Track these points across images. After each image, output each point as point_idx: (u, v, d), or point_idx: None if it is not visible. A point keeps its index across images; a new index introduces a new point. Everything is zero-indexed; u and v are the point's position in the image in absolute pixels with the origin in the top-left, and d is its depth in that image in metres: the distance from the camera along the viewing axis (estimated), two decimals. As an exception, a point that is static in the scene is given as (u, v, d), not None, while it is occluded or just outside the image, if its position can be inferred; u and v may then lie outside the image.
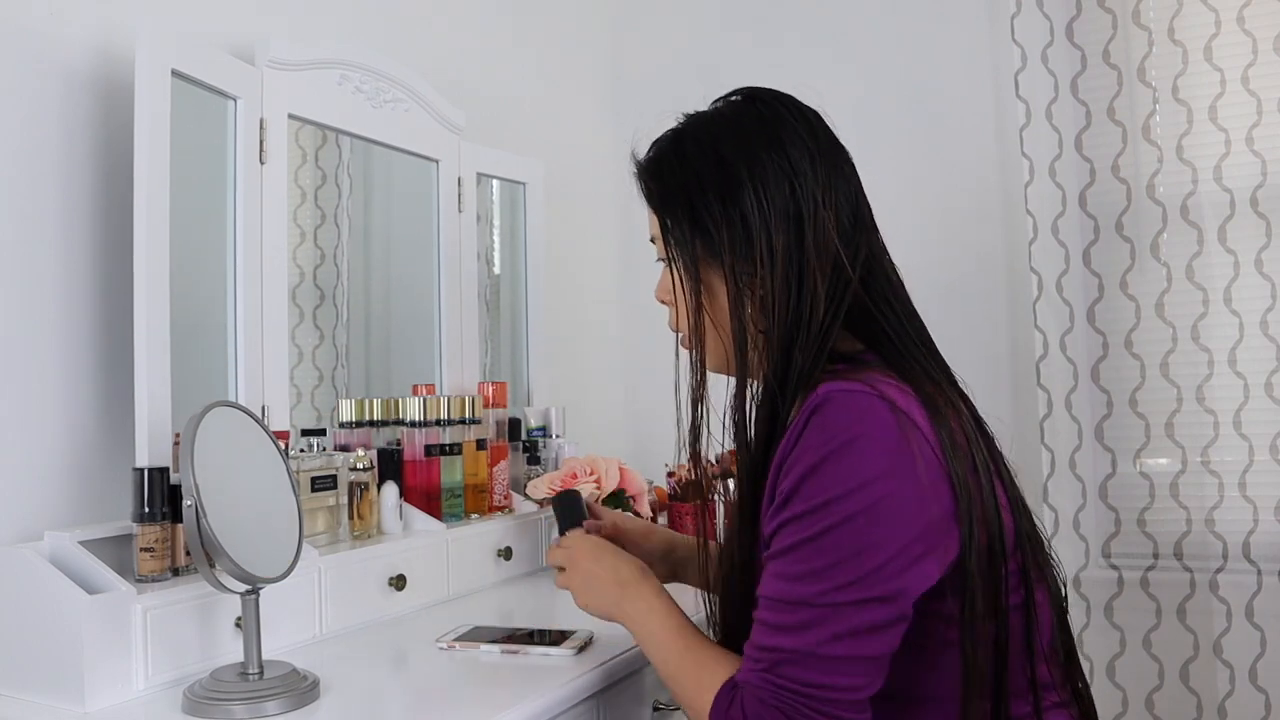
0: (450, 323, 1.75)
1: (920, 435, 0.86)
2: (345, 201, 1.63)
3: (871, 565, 0.82)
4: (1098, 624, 1.92)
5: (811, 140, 0.97)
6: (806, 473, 0.85)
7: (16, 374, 1.16)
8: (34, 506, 1.16)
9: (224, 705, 0.97)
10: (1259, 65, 1.84)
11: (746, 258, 0.93)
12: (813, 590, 0.83)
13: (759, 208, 0.93)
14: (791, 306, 0.92)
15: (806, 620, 0.83)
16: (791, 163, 0.94)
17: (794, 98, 1.02)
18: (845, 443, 0.84)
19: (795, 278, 0.92)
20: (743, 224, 0.93)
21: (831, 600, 0.83)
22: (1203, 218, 1.88)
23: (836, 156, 1.00)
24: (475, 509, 1.63)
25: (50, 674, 1.01)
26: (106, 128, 1.25)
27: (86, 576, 1.04)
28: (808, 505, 0.84)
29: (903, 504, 0.83)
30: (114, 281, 1.25)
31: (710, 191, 0.95)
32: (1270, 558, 1.82)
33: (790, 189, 0.94)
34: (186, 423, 1.00)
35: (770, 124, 0.97)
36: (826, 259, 0.94)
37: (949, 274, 2.11)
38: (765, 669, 0.85)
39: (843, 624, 0.83)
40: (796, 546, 0.85)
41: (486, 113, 1.94)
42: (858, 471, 0.83)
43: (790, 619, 0.84)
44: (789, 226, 0.93)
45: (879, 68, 2.20)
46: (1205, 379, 1.88)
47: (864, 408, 0.85)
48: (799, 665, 0.83)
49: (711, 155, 0.96)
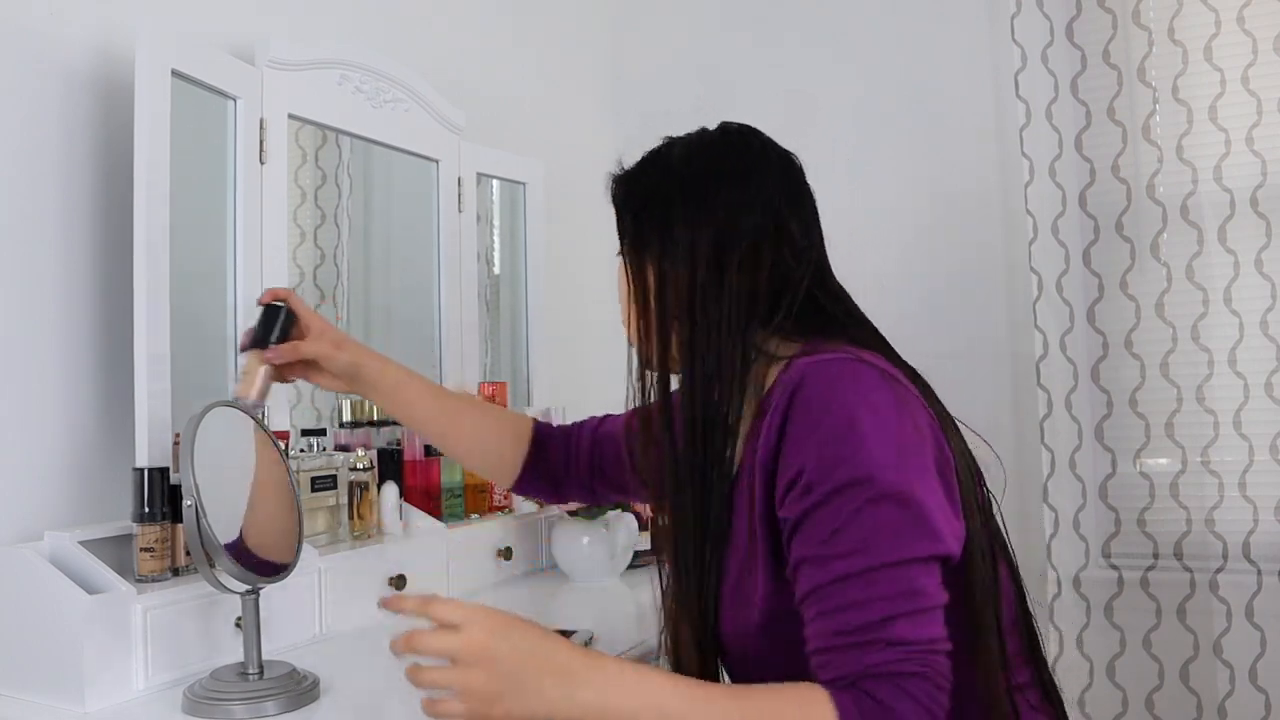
0: (450, 323, 1.75)
1: (906, 390, 0.90)
2: (345, 201, 1.63)
3: (916, 522, 0.82)
4: (1098, 624, 1.92)
5: (763, 162, 1.01)
6: (818, 453, 0.84)
7: (16, 374, 1.16)
8: (34, 506, 1.16)
9: (224, 705, 0.97)
10: (1259, 65, 1.84)
11: (671, 249, 0.98)
12: (876, 556, 0.81)
13: (683, 206, 0.98)
14: (715, 296, 0.95)
15: (889, 586, 0.81)
16: (733, 177, 0.99)
17: (762, 134, 1.05)
18: (845, 416, 0.85)
19: (717, 274, 0.95)
20: (667, 218, 0.98)
21: (899, 557, 0.81)
22: (1203, 218, 1.88)
23: (792, 186, 1.03)
24: (475, 509, 1.63)
25: (50, 674, 1.01)
26: (106, 128, 1.25)
27: (86, 576, 1.04)
28: (831, 487, 0.83)
29: (919, 463, 0.85)
30: (114, 281, 1.25)
31: (654, 191, 1.01)
32: (1270, 558, 1.82)
33: (726, 197, 0.98)
34: (186, 423, 1.00)
35: (723, 146, 1.03)
36: (764, 260, 0.96)
37: (949, 274, 2.11)
38: (884, 644, 0.80)
39: (916, 577, 0.81)
40: (839, 530, 0.83)
41: (486, 113, 1.94)
42: (869, 441, 0.84)
43: (871, 590, 0.81)
44: (716, 227, 0.96)
45: (879, 68, 2.19)
46: (1205, 379, 1.88)
47: (851, 373, 0.88)
48: (911, 624, 0.80)
49: (664, 164, 1.03)
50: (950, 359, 2.09)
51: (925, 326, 2.09)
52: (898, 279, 2.14)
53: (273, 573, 1.05)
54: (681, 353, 0.97)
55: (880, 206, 2.18)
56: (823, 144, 2.24)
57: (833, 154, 2.23)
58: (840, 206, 2.18)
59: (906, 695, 0.78)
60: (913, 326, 2.17)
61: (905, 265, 2.15)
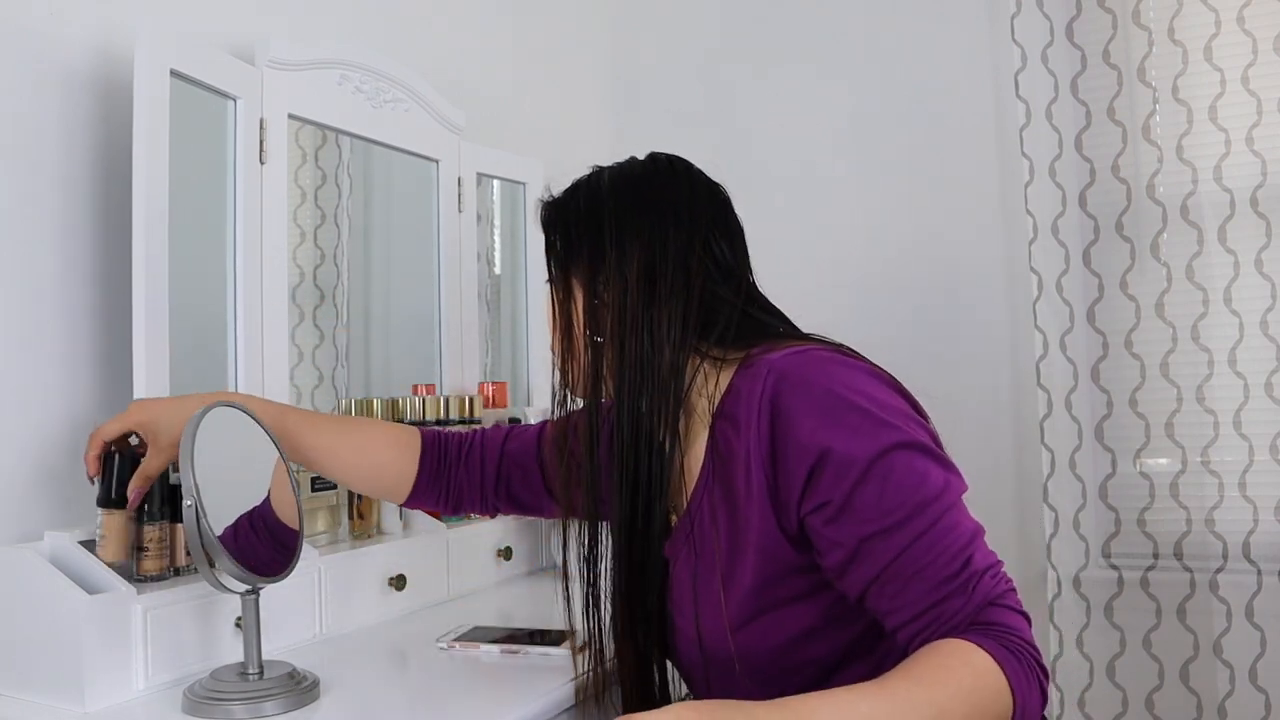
0: (450, 323, 1.75)
1: (868, 365, 0.94)
2: (345, 201, 1.63)
3: (941, 460, 0.88)
4: (1098, 624, 1.92)
5: (689, 192, 1.03)
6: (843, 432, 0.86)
7: (16, 374, 1.16)
8: (34, 506, 1.16)
9: (224, 705, 0.97)
10: (1259, 65, 1.84)
11: (601, 269, 1.00)
12: (933, 513, 0.84)
13: (614, 227, 1.00)
14: (643, 318, 0.97)
15: (944, 532, 0.84)
16: (660, 204, 1.01)
17: (690, 165, 1.08)
18: (833, 403, 0.87)
19: (646, 296, 0.97)
20: (598, 240, 1.00)
21: (939, 508, 0.85)
22: (1203, 218, 1.88)
23: (720, 215, 1.05)
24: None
25: (50, 674, 1.01)
26: (106, 128, 1.25)
27: (86, 576, 1.04)
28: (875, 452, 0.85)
29: (913, 430, 0.88)
30: (114, 281, 1.25)
31: (584, 214, 1.03)
32: (1270, 558, 1.82)
33: (652, 222, 1.00)
34: (186, 423, 1.00)
35: (651, 174, 1.05)
36: (694, 285, 0.98)
37: (949, 274, 2.11)
38: (980, 574, 0.84)
39: (955, 520, 0.85)
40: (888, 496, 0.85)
41: (486, 113, 1.94)
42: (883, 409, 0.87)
43: (935, 543, 0.84)
44: (645, 250, 0.99)
45: (879, 68, 2.20)
46: (1205, 379, 1.88)
47: (819, 360, 0.91)
48: (982, 551, 0.85)
49: (594, 189, 1.05)
50: (950, 359, 2.09)
51: (925, 326, 2.10)
52: (898, 279, 2.14)
53: (275, 571, 1.04)
54: (612, 373, 0.98)
55: (880, 206, 2.18)
56: (823, 143, 2.24)
57: (833, 153, 2.23)
58: (839, 206, 2.20)
59: (1010, 610, 0.83)
60: (912, 326, 2.19)
61: (905, 265, 2.15)
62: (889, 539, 0.84)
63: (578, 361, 1.03)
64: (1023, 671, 0.79)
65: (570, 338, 1.03)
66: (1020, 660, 0.80)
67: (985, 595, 0.83)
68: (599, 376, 1.00)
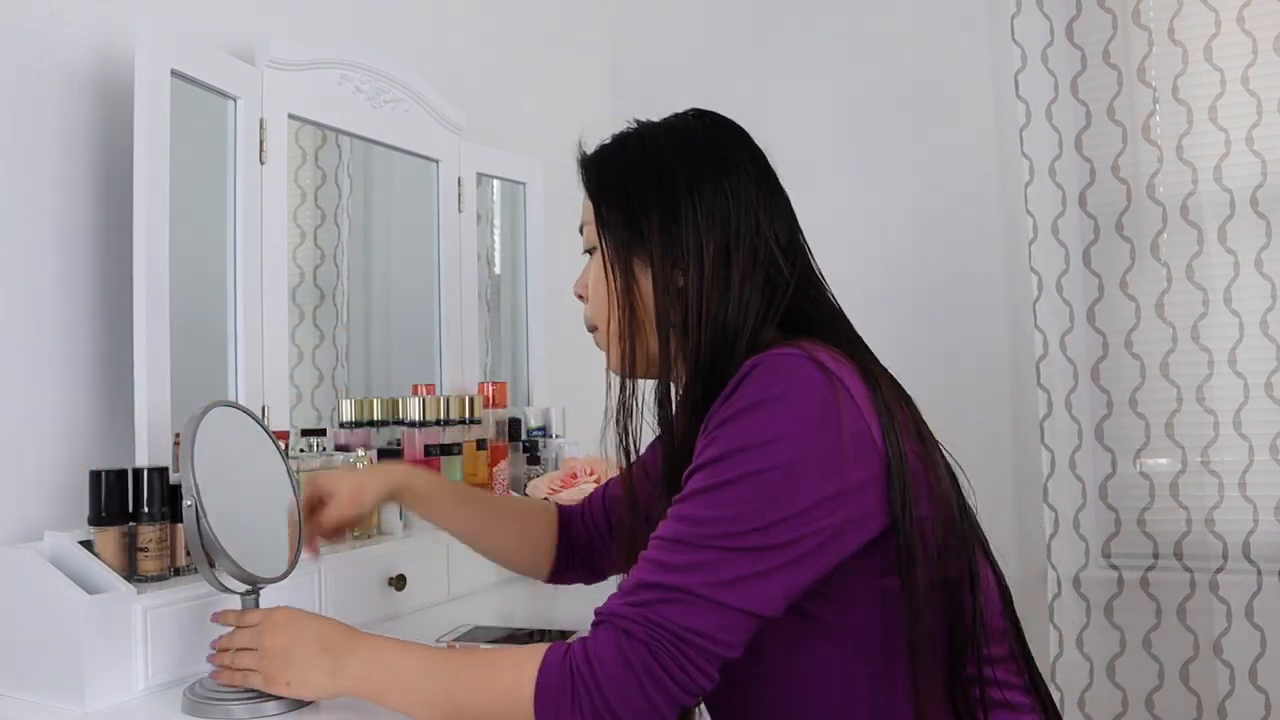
0: (450, 323, 1.75)
1: (850, 397, 0.85)
2: (345, 201, 1.63)
3: (776, 516, 0.81)
4: (1098, 624, 1.92)
5: (753, 164, 0.99)
6: (724, 422, 0.84)
7: (16, 374, 1.16)
8: (34, 506, 1.16)
9: (224, 705, 0.96)
10: (1259, 65, 1.84)
11: (674, 252, 0.94)
12: (710, 532, 0.81)
13: (692, 207, 0.94)
14: (719, 305, 0.93)
15: (697, 561, 0.81)
16: (730, 176, 0.96)
17: (742, 128, 1.02)
18: (769, 398, 0.83)
19: (723, 280, 0.93)
20: (674, 220, 0.94)
21: (727, 544, 0.81)
22: (1203, 218, 1.88)
23: (773, 185, 1.00)
24: (475, 509, 1.62)
25: (50, 674, 1.01)
26: (106, 128, 1.25)
27: (86, 576, 1.04)
28: (720, 452, 0.83)
29: (819, 462, 0.82)
30: (114, 281, 1.25)
31: (646, 185, 0.96)
32: (1270, 558, 1.82)
33: (725, 199, 0.95)
34: (186, 422, 1.00)
35: (715, 141, 0.99)
36: (760, 266, 0.94)
37: (949, 274, 2.11)
38: (640, 604, 0.81)
39: (732, 569, 0.80)
40: (703, 491, 0.83)
41: (486, 113, 1.94)
42: (776, 424, 0.82)
43: (680, 558, 0.81)
44: (721, 231, 0.94)
45: (879, 67, 2.20)
46: (1205, 379, 1.88)
47: (792, 367, 0.84)
48: (679, 605, 0.80)
49: (653, 154, 0.98)
50: (950, 359, 2.09)
51: (925, 327, 2.10)
52: (897, 279, 2.15)
53: (273, 573, 1.04)
54: (685, 366, 0.94)
55: (880, 206, 2.18)
56: (823, 143, 2.24)
57: (833, 153, 2.23)
58: (840, 206, 2.20)
59: (619, 649, 0.80)
60: (913, 327, 2.19)
61: (905, 265, 2.15)
62: (663, 524, 0.85)
63: (636, 347, 0.97)
64: (562, 691, 0.80)
65: (634, 323, 0.96)
66: (573, 683, 0.80)
67: (616, 617, 0.82)
68: (667, 364, 0.95)
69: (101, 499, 1.06)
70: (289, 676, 0.92)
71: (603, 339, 1.03)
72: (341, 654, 0.91)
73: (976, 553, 0.94)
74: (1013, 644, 0.96)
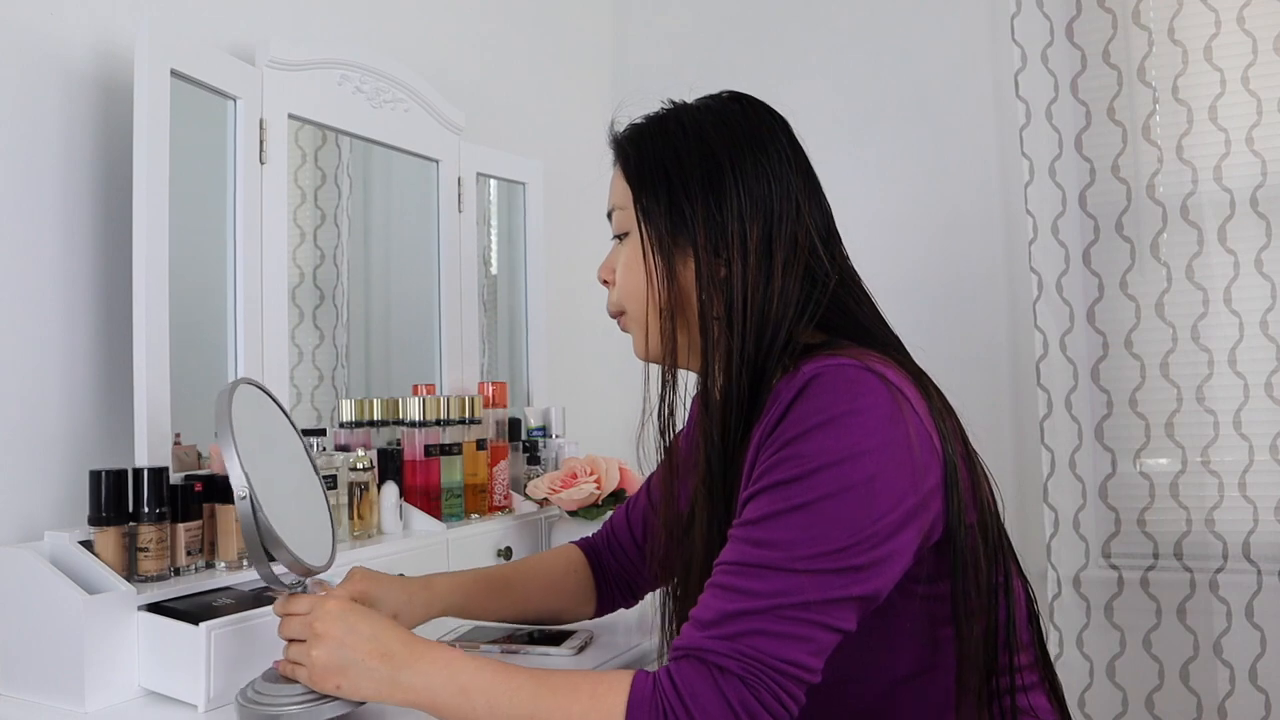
0: (450, 323, 1.75)
1: (911, 408, 0.84)
2: (345, 201, 1.63)
3: (859, 535, 0.79)
4: (1098, 624, 1.92)
5: (791, 150, 0.97)
6: (791, 440, 0.81)
7: (16, 374, 1.16)
8: (34, 506, 1.16)
9: (270, 708, 0.90)
10: (1259, 65, 1.84)
11: (718, 241, 0.92)
12: (793, 555, 0.78)
13: (736, 194, 0.92)
14: (762, 296, 0.90)
15: (782, 587, 0.78)
16: (771, 162, 0.94)
17: (782, 115, 1.01)
18: (838, 415, 0.81)
19: (766, 270, 0.91)
20: (718, 207, 0.92)
21: (812, 567, 0.78)
22: (1203, 218, 1.88)
23: (811, 175, 1.00)
24: (475, 509, 1.62)
25: (50, 674, 1.01)
26: (106, 128, 1.25)
27: (86, 576, 1.04)
28: (794, 473, 0.80)
29: (894, 478, 0.81)
30: (114, 281, 1.25)
31: (690, 170, 0.94)
32: (1270, 558, 1.82)
33: (768, 185, 0.93)
34: (218, 408, 0.91)
35: (756, 125, 0.97)
36: (800, 256, 0.93)
37: (949, 274, 2.11)
38: (729, 636, 0.78)
39: (820, 592, 0.78)
40: (781, 513, 0.80)
41: (486, 113, 1.94)
42: (850, 443, 0.80)
43: (763, 585, 0.78)
44: (764, 219, 0.92)
45: (879, 67, 2.20)
46: (1205, 379, 1.88)
47: (856, 380, 0.82)
48: (771, 637, 0.78)
49: (695, 138, 0.96)
50: (950, 359, 2.09)
51: (925, 326, 2.09)
52: (897, 279, 2.14)
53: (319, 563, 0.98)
54: (722, 359, 0.91)
55: (879, 206, 2.18)
56: (822, 144, 2.24)
57: (832, 154, 2.23)
58: (839, 206, 2.19)
59: (715, 686, 0.77)
60: (912, 327, 2.18)
61: (905, 265, 2.15)
62: (736, 546, 0.81)
63: (684, 339, 0.95)
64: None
65: (674, 312, 0.94)
66: (665, 687, 0.77)
67: (707, 652, 0.78)
68: (710, 356, 0.92)
69: (101, 499, 1.06)
70: (339, 680, 0.87)
71: (633, 323, 1.00)
72: (401, 663, 0.85)
73: (1010, 562, 0.94)
74: (1037, 654, 0.97)
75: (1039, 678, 0.96)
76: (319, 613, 0.89)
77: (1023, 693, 0.91)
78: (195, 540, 1.14)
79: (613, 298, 1.02)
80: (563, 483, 1.63)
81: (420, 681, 0.84)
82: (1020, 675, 0.91)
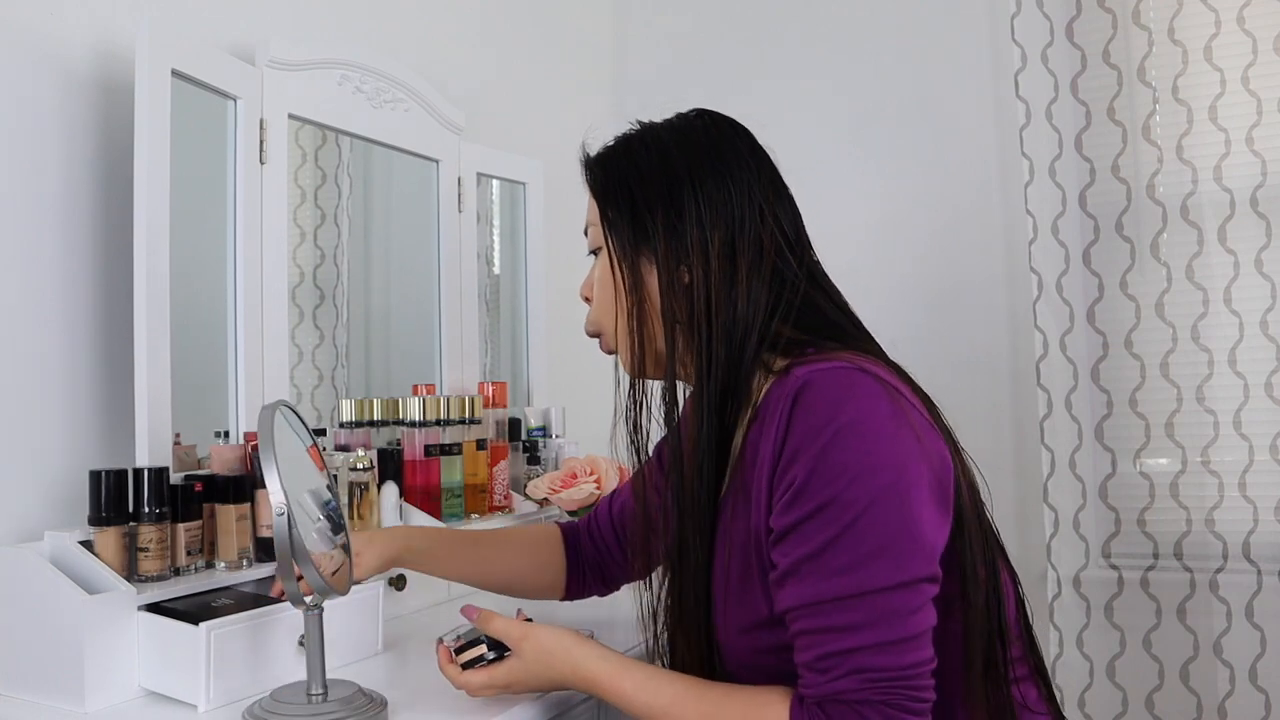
0: (450, 322, 1.75)
1: (907, 401, 0.87)
2: (345, 201, 1.63)
3: (912, 541, 0.82)
4: (1098, 624, 1.92)
5: (753, 158, 0.99)
6: (813, 464, 0.83)
7: (17, 374, 1.16)
8: (34, 506, 1.16)
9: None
10: (1259, 65, 1.84)
11: (679, 248, 0.94)
12: (867, 579, 0.81)
13: (695, 203, 0.95)
14: (727, 299, 0.93)
15: (872, 613, 0.81)
16: (732, 170, 0.96)
17: (745, 127, 1.03)
18: (844, 425, 0.82)
19: (729, 274, 0.93)
20: (679, 216, 0.95)
21: (890, 582, 0.81)
22: (1203, 218, 1.88)
23: (777, 182, 1.01)
24: (475, 509, 1.63)
25: (50, 674, 1.01)
26: (106, 128, 1.25)
27: (86, 576, 1.04)
28: (825, 498, 0.82)
29: (917, 474, 0.83)
30: (114, 281, 1.25)
31: (651, 182, 0.97)
32: (1270, 558, 1.82)
33: (729, 192, 0.95)
34: (261, 428, 0.94)
35: (715, 137, 0.99)
36: (766, 259, 0.94)
37: (949, 274, 2.11)
38: (851, 672, 0.81)
39: (905, 602, 0.81)
40: (830, 543, 0.82)
41: (486, 113, 1.94)
42: (867, 453, 0.82)
43: (854, 616, 0.81)
44: (726, 225, 0.94)
45: (879, 67, 2.20)
46: (1205, 379, 1.88)
47: (849, 383, 0.85)
48: (884, 654, 0.80)
49: (657, 153, 0.99)
50: (950, 359, 2.10)
51: (925, 327, 2.10)
52: (897, 279, 2.15)
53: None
54: (695, 363, 0.94)
55: (880, 207, 2.18)
56: (822, 144, 2.24)
57: (833, 154, 2.23)
58: (839, 206, 2.20)
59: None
60: (913, 327, 2.19)
61: (905, 265, 2.15)
62: (812, 584, 0.83)
63: (646, 346, 0.97)
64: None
65: (642, 321, 0.96)
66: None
67: (846, 693, 0.81)
68: (674, 362, 0.95)
69: (101, 499, 1.06)
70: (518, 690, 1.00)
71: (610, 341, 1.03)
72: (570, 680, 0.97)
73: (998, 553, 0.95)
74: (1026, 649, 0.97)
75: (1029, 670, 0.97)
76: (510, 678, 1.01)
77: (1014, 684, 0.92)
78: (195, 540, 1.14)
79: (590, 316, 1.06)
80: (563, 483, 1.63)
81: (605, 669, 0.95)
82: (1012, 667, 0.92)
